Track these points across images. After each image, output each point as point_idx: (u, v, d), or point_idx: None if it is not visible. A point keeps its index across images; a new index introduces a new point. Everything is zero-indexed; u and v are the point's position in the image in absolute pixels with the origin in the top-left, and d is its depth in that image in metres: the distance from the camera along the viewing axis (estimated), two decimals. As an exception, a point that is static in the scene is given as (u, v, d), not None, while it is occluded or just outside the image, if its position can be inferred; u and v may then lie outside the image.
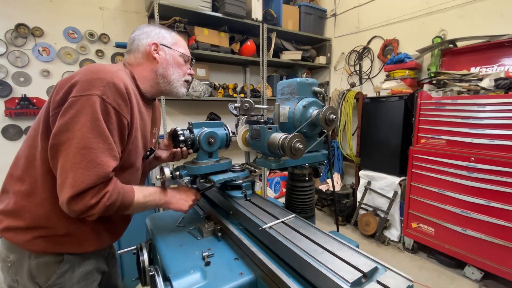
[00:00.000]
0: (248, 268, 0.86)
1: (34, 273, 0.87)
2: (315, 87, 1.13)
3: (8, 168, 0.95)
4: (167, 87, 1.06)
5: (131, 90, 0.89)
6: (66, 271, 0.90)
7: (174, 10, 2.82)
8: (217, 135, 1.08)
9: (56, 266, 0.88)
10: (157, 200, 0.98)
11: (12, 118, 2.61)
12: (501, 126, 2.04)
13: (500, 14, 2.43)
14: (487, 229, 2.14)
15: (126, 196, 0.86)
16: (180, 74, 1.08)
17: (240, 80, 3.98)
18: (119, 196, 0.83)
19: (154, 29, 1.05)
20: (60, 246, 0.88)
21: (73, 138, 0.75)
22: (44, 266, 0.87)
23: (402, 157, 2.82)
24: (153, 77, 1.03)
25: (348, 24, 3.86)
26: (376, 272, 0.66)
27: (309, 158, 1.14)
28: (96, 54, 2.94)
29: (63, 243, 0.88)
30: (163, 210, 3.25)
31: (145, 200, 0.93)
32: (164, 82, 1.05)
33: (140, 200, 0.91)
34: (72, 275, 0.91)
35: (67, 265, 0.90)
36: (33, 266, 0.86)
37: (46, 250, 0.87)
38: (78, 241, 0.91)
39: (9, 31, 2.53)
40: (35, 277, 0.87)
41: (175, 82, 1.06)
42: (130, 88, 0.88)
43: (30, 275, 0.86)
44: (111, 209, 0.82)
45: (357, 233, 3.23)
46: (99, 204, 0.78)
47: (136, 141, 0.95)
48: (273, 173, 4.05)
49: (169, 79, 1.05)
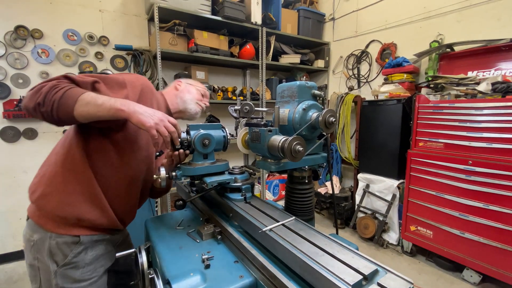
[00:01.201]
0: (248, 271, 0.85)
1: (53, 251, 0.97)
2: (314, 90, 1.13)
3: (6, 170, 1.02)
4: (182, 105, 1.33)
5: (151, 91, 1.14)
6: (80, 252, 1.01)
7: (174, 13, 2.83)
8: (212, 137, 1.08)
9: (72, 247, 0.99)
10: (115, 104, 0.84)
11: (10, 120, 2.60)
12: (499, 130, 2.06)
13: (497, 18, 2.46)
14: (486, 232, 2.14)
15: (74, 88, 0.85)
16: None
17: (239, 83, 3.99)
18: (66, 85, 0.84)
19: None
20: (77, 229, 1.00)
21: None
22: (62, 245, 0.98)
23: (401, 160, 2.83)
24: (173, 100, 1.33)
25: (347, 28, 3.89)
26: (377, 275, 0.66)
27: (308, 161, 1.14)
28: (96, 56, 2.94)
29: (78, 226, 1.00)
30: (161, 211, 3.23)
31: (97, 96, 0.85)
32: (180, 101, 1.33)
33: (91, 95, 0.84)
34: (85, 256, 1.02)
35: (82, 247, 1.01)
36: (53, 245, 0.97)
37: (64, 231, 0.98)
38: (91, 223, 1.01)
39: (9, 33, 2.53)
40: (54, 255, 0.97)
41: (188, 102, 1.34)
42: (149, 90, 1.12)
43: (49, 253, 0.97)
44: (55, 95, 0.81)
45: (355, 236, 3.23)
46: (43, 88, 0.83)
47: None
48: (272, 175, 4.05)
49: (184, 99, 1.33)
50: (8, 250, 2.75)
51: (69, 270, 0.99)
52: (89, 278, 1.03)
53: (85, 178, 0.98)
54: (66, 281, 0.99)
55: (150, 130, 0.86)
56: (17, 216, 2.74)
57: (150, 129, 0.86)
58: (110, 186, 1.04)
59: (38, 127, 2.74)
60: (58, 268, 0.98)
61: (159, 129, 0.88)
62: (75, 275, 1.00)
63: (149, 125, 0.86)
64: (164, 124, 0.91)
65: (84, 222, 1.00)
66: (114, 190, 1.06)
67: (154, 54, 2.95)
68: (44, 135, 2.78)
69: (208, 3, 3.04)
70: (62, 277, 0.98)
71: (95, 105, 0.83)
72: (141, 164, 1.14)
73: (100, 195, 1.01)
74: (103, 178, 1.02)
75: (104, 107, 0.83)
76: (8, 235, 2.73)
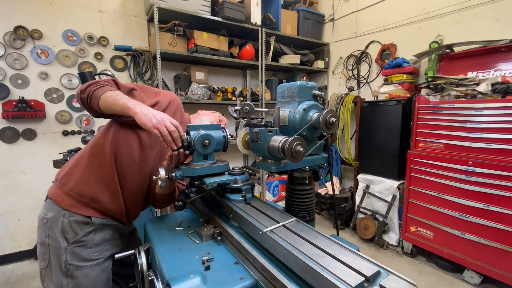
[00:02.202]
0: (249, 272, 0.84)
1: (65, 228, 1.05)
2: (315, 90, 1.13)
3: (5, 170, 1.06)
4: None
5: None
6: (90, 232, 1.09)
7: (173, 14, 2.83)
8: (212, 138, 1.07)
9: (83, 226, 1.07)
10: (125, 102, 0.98)
11: (9, 121, 2.59)
12: (499, 130, 2.06)
13: (496, 19, 2.46)
14: (486, 233, 2.14)
15: (104, 86, 1.04)
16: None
17: (239, 83, 3.99)
18: (105, 83, 1.06)
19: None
20: (89, 210, 1.09)
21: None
22: (74, 224, 1.06)
23: (401, 161, 2.83)
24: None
25: (346, 29, 3.90)
26: (379, 276, 0.65)
27: (309, 161, 1.14)
28: (95, 57, 2.94)
29: (91, 207, 1.09)
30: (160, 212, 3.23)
31: (116, 94, 1.02)
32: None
33: (111, 93, 1.01)
34: (94, 237, 1.10)
35: (92, 227, 1.09)
36: (66, 223, 1.05)
37: (78, 210, 1.07)
38: (102, 206, 1.11)
39: (8, 33, 2.52)
40: (65, 233, 1.05)
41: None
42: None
43: (62, 230, 1.05)
44: (93, 86, 1.03)
45: (355, 237, 3.22)
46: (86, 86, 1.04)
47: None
48: (272, 176, 4.04)
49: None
50: (6, 251, 2.73)
51: (78, 248, 1.06)
52: (96, 258, 1.10)
53: (107, 164, 1.10)
54: (74, 258, 1.06)
55: (151, 129, 0.95)
56: (15, 217, 2.73)
57: (150, 129, 0.95)
58: (125, 175, 1.14)
59: (37, 128, 2.73)
60: (68, 245, 1.05)
61: (159, 129, 0.95)
62: (83, 253, 1.07)
63: (150, 125, 0.94)
64: (165, 124, 0.97)
65: (96, 203, 1.10)
66: (128, 180, 1.16)
67: (153, 54, 2.95)
68: (43, 136, 2.77)
69: (208, 4, 3.04)
70: (71, 254, 1.05)
71: (113, 100, 0.98)
72: (156, 161, 1.23)
73: (116, 181, 1.12)
74: (122, 167, 1.13)
75: (118, 103, 0.97)
76: (6, 236, 2.72)
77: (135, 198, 1.22)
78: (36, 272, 2.58)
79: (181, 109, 1.35)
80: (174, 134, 0.98)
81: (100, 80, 1.07)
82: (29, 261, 2.78)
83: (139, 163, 1.17)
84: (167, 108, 1.21)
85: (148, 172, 1.22)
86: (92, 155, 1.12)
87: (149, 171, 1.22)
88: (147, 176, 1.22)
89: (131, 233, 1.35)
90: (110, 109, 1.00)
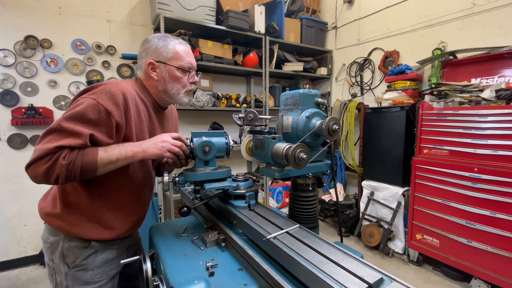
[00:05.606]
0: (253, 279, 0.85)
1: (65, 253, 1.04)
2: (318, 98, 1.15)
3: (13, 176, 1.05)
4: (170, 100, 1.20)
5: (131, 97, 1.03)
6: (90, 255, 1.06)
7: (179, 23, 2.89)
8: (212, 144, 1.10)
9: (83, 250, 1.05)
10: (128, 153, 0.96)
11: (18, 127, 2.65)
12: (503, 137, 2.04)
13: (499, 26, 2.47)
14: (493, 240, 2.11)
15: (87, 155, 0.89)
16: (179, 88, 1.17)
17: (243, 90, 4.03)
18: (78, 155, 0.88)
19: (152, 45, 1.13)
20: (88, 233, 1.05)
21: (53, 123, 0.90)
22: (74, 248, 1.04)
23: (405, 167, 2.82)
24: (156, 92, 1.17)
25: (349, 36, 3.93)
26: (382, 284, 0.65)
27: (312, 168, 1.15)
28: (103, 65, 3.01)
29: (90, 230, 1.05)
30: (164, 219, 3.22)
31: (110, 155, 0.93)
32: (166, 96, 1.17)
33: (104, 157, 0.91)
34: (95, 259, 1.07)
35: (92, 250, 1.06)
36: (65, 247, 1.04)
37: (75, 234, 1.04)
38: (101, 229, 1.07)
39: (18, 43, 2.60)
40: (65, 257, 1.04)
41: (175, 95, 1.17)
42: (129, 96, 1.02)
43: (62, 255, 1.04)
44: (73, 169, 0.87)
45: (360, 245, 3.19)
46: (56, 164, 0.85)
47: (131, 136, 1.04)
48: (275, 182, 4.04)
49: (170, 93, 1.16)
50: (12, 256, 2.76)
51: (78, 272, 1.05)
52: (98, 281, 1.09)
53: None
54: (75, 282, 1.05)
55: (165, 155, 1.02)
56: (22, 222, 2.77)
57: (164, 155, 1.02)
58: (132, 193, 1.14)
59: (45, 134, 2.78)
60: (69, 270, 1.04)
61: (170, 150, 1.03)
62: (84, 277, 1.06)
63: (161, 153, 1.01)
64: (171, 143, 1.03)
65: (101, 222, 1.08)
66: (135, 180, 1.14)
67: (159, 62, 2.99)
68: (50, 142, 2.81)
69: (213, 13, 3.10)
70: (72, 279, 1.05)
71: (113, 163, 0.94)
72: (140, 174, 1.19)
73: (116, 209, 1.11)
74: (134, 187, 1.14)
75: (120, 162, 0.96)
76: (12, 241, 2.75)
77: (145, 205, 1.25)
78: (40, 277, 2.59)
79: (131, 96, 1.10)
80: (182, 147, 1.07)
81: (53, 162, 0.87)
82: (34, 267, 2.79)
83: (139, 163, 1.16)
84: (127, 116, 1.05)
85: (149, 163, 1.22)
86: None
87: (152, 175, 1.25)
88: (150, 168, 1.22)
89: (134, 245, 1.31)
90: (114, 169, 0.97)
